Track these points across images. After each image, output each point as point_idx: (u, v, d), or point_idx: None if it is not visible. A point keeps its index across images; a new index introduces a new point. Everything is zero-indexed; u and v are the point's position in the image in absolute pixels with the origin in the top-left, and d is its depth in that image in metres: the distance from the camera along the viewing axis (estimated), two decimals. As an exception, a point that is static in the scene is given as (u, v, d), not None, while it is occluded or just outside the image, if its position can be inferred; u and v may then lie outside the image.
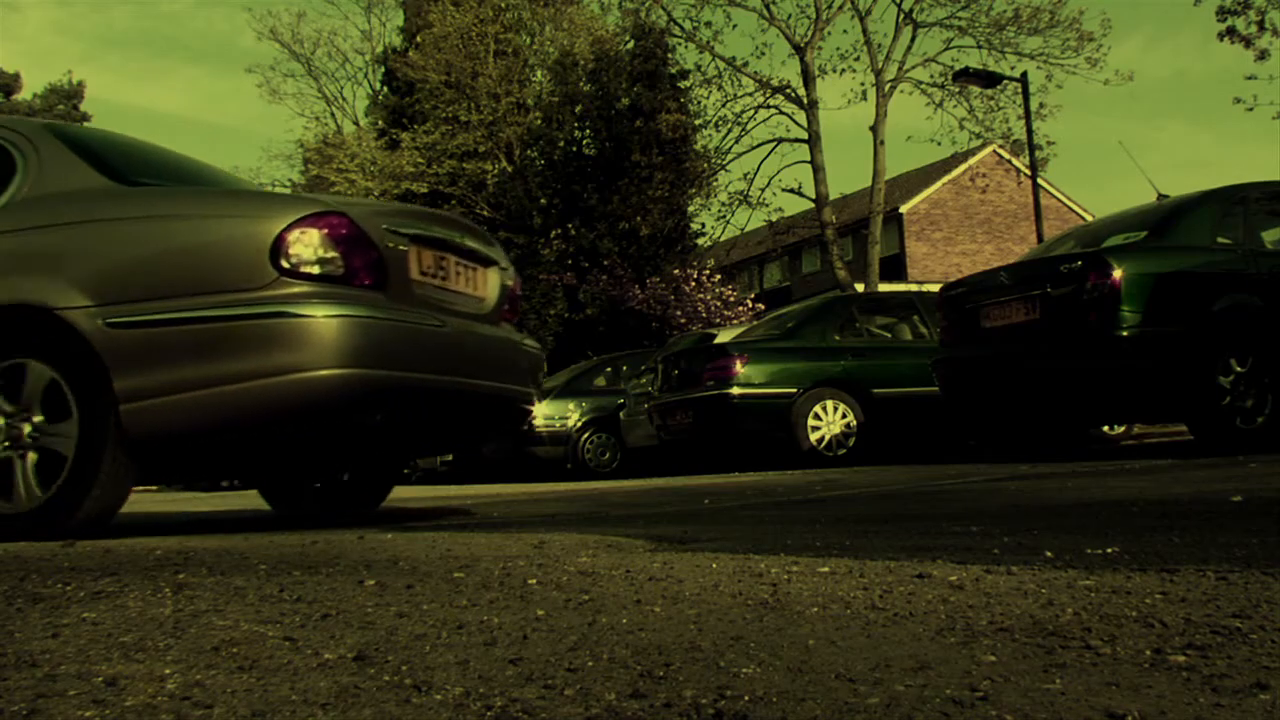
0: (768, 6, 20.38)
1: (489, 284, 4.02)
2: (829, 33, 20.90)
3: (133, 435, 3.16)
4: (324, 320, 3.08)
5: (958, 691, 1.00)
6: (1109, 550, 1.88)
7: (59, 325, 3.22)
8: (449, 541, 2.48)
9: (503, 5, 23.54)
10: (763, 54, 29.47)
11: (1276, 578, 1.49)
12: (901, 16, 20.35)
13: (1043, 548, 1.96)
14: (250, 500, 7.49)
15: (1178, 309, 5.76)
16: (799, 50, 20.41)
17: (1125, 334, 5.65)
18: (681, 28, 21.17)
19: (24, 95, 32.46)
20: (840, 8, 20.57)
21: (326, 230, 3.20)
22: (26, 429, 3.29)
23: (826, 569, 1.78)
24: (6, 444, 3.32)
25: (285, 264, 3.13)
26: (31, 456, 3.29)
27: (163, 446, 3.26)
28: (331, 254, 3.19)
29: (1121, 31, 60.03)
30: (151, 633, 1.40)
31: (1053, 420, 6.90)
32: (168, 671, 1.19)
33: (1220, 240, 6.14)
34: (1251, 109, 19.62)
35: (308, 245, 3.16)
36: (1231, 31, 17.94)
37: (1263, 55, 17.88)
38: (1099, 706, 0.94)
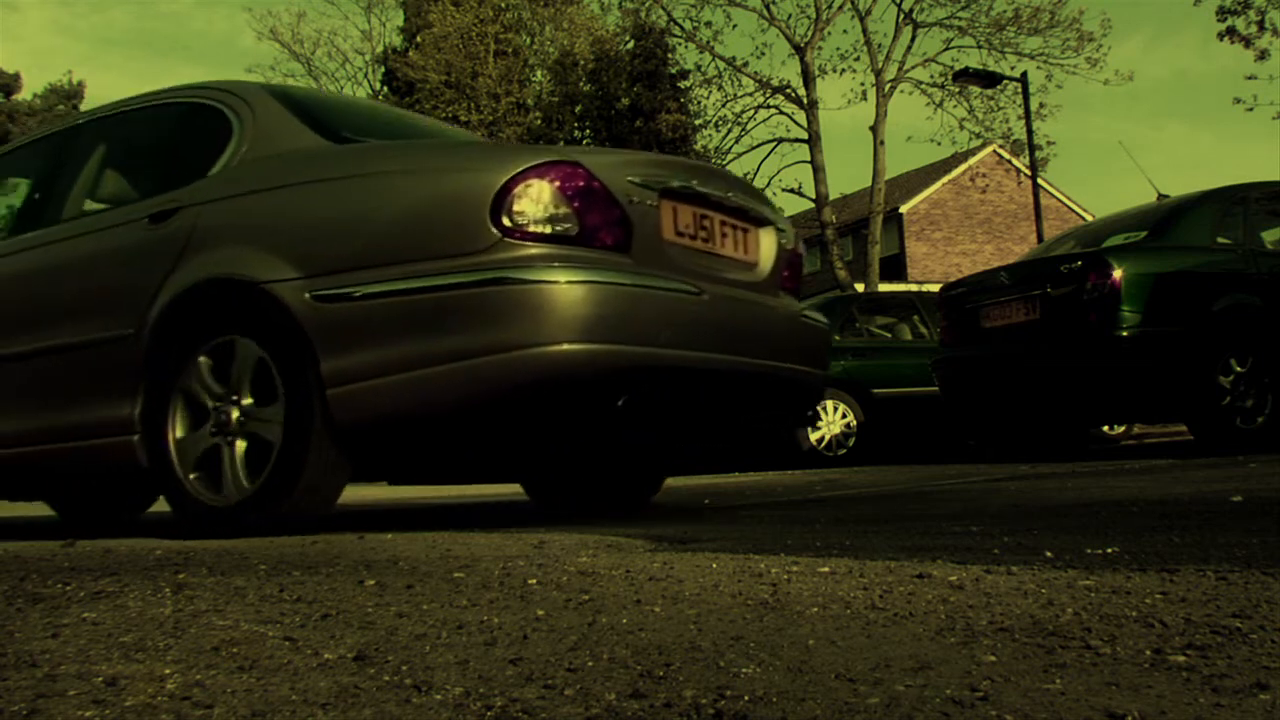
0: (768, 6, 20.41)
1: (762, 247, 3.45)
2: (829, 33, 20.94)
3: (340, 423, 2.85)
4: (557, 287, 2.64)
5: (958, 691, 1.00)
6: (1109, 550, 1.88)
7: (265, 300, 2.97)
8: (449, 541, 2.48)
9: (503, 5, 23.55)
10: (763, 54, 29.48)
11: (1276, 578, 1.49)
12: (901, 16, 20.37)
13: (1043, 548, 1.97)
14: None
15: (1178, 309, 5.76)
16: (799, 50, 20.42)
17: (1125, 334, 5.65)
18: (681, 28, 21.20)
19: (24, 95, 32.46)
20: (840, 8, 20.59)
21: (558, 182, 2.76)
22: (235, 414, 3.06)
23: (826, 569, 1.78)
24: (213, 430, 3.08)
25: (509, 223, 2.72)
26: (240, 444, 3.05)
27: (371, 436, 2.94)
28: (564, 210, 2.76)
29: (1121, 31, 60.06)
30: (151, 633, 1.40)
31: (1053, 420, 6.90)
32: (168, 671, 1.19)
33: (1220, 240, 6.15)
34: (1251, 109, 19.67)
35: (535, 200, 2.74)
36: (1231, 31, 17.95)
37: (1263, 55, 17.89)
38: (1099, 706, 0.94)
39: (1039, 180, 16.44)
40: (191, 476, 3.10)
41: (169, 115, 3.85)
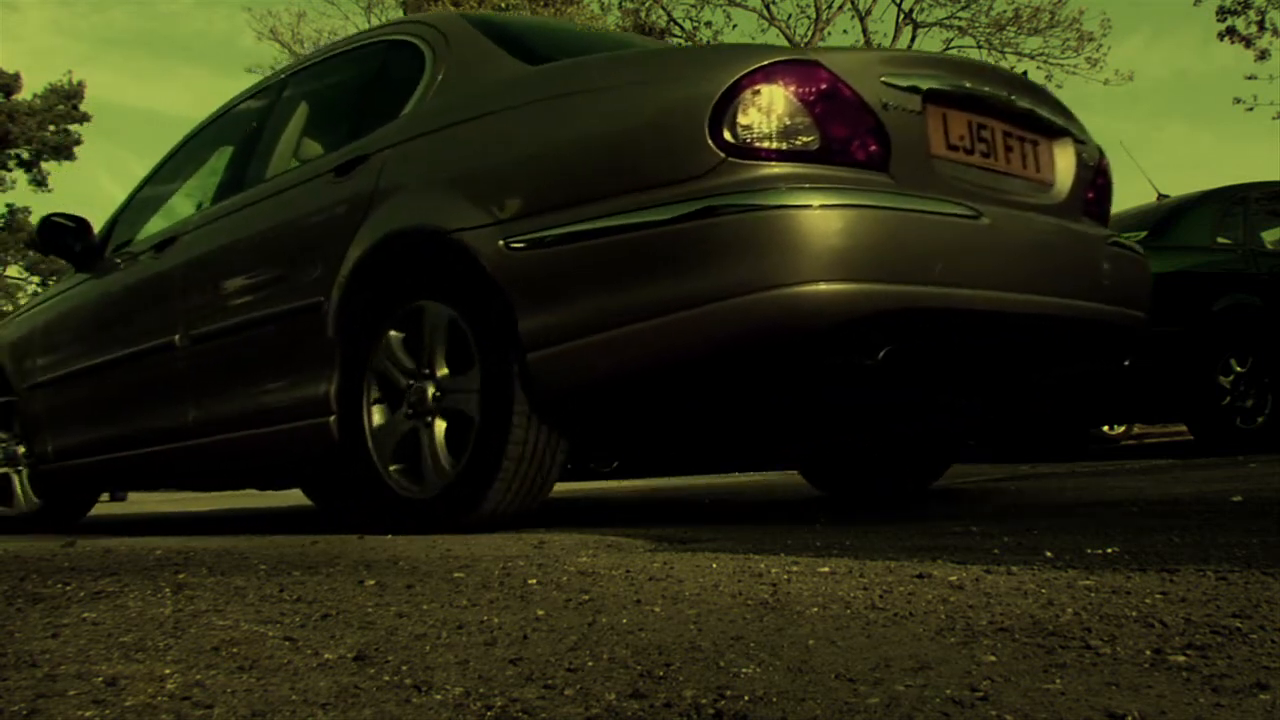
0: (768, 6, 20.44)
1: (1058, 163, 2.84)
2: (829, 33, 20.95)
3: (545, 392, 2.44)
4: (799, 213, 2.14)
5: (958, 691, 1.00)
6: (1109, 550, 1.88)
7: (454, 251, 2.59)
8: (449, 541, 2.48)
9: (503, 5, 23.55)
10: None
11: (1276, 578, 1.49)
12: (901, 17, 20.40)
13: (1043, 548, 1.96)
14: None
15: (1178, 309, 5.76)
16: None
17: (1125, 334, 5.64)
18: (682, 28, 21.21)
19: (24, 95, 32.45)
20: (840, 8, 20.62)
21: (794, 86, 2.26)
22: (431, 390, 2.70)
23: (826, 569, 1.78)
24: (409, 412, 2.73)
25: (732, 138, 2.25)
26: (440, 424, 2.68)
27: (583, 407, 2.53)
28: (803, 120, 2.26)
29: (1121, 31, 60.02)
30: (151, 633, 1.40)
31: (1053, 420, 6.90)
32: (168, 671, 1.19)
33: (1220, 240, 6.15)
34: (1251, 109, 19.63)
35: (766, 109, 2.25)
36: (1231, 31, 17.97)
37: (1263, 55, 17.90)
38: (1099, 706, 0.94)
39: (1039, 180, 16.44)
40: (392, 469, 2.78)
41: (367, 57, 3.51)
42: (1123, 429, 9.80)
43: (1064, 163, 2.85)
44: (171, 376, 3.60)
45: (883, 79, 2.40)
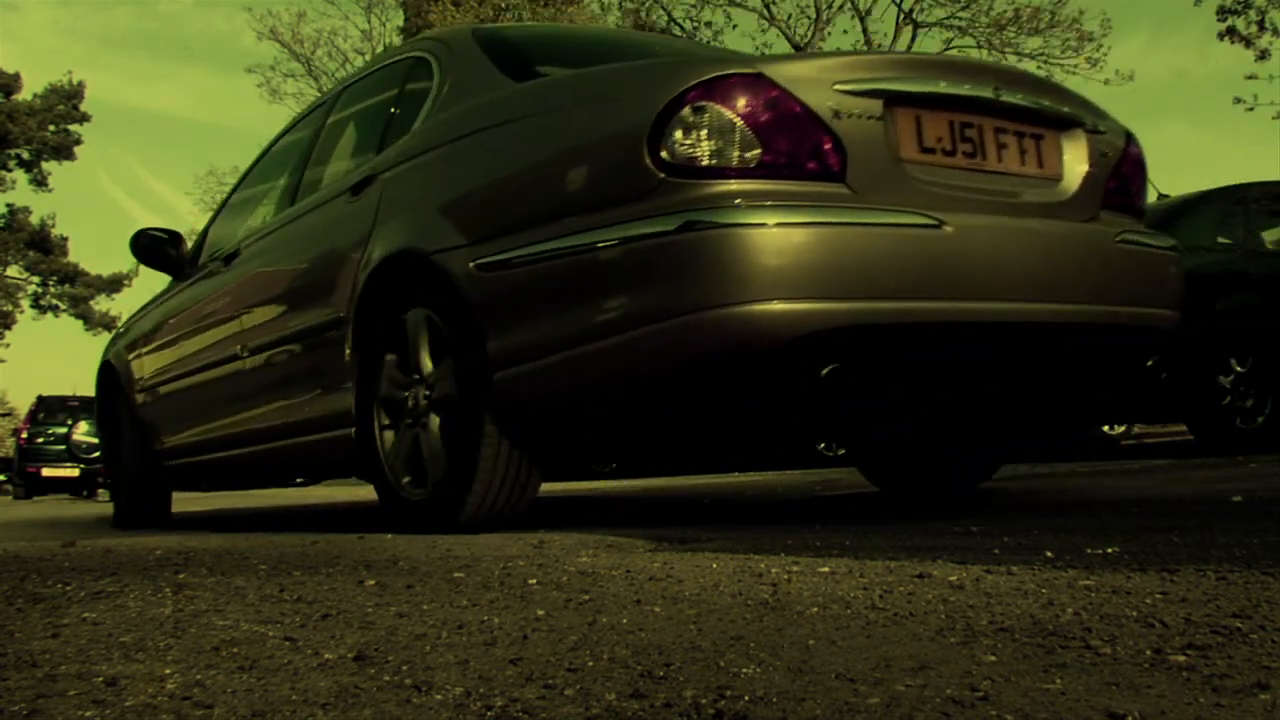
0: (768, 6, 20.44)
1: (1066, 155, 2.72)
2: (829, 33, 20.96)
3: (512, 408, 2.56)
4: (732, 234, 2.14)
5: (958, 691, 1.00)
6: (1109, 550, 1.88)
7: (437, 273, 2.70)
8: (449, 541, 2.48)
9: (503, 5, 23.54)
10: (763, 54, 29.49)
11: (1276, 578, 1.49)
12: (901, 17, 20.40)
13: (1043, 548, 1.96)
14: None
15: (1177, 309, 5.76)
16: (799, 50, 20.43)
17: (1125, 334, 5.64)
18: (682, 27, 21.20)
19: (24, 95, 32.44)
20: (840, 8, 20.63)
21: (733, 100, 2.23)
22: (422, 392, 2.86)
23: (826, 569, 1.78)
24: (409, 421, 2.89)
25: (670, 157, 2.24)
26: (434, 421, 2.83)
27: (548, 420, 2.61)
28: (743, 134, 2.22)
29: (1121, 31, 60.07)
30: (151, 633, 1.40)
31: (1053, 420, 6.89)
32: (168, 671, 1.19)
33: (1220, 240, 6.15)
34: (1251, 109, 19.61)
35: (703, 127, 2.22)
36: (1231, 31, 17.96)
37: (1263, 55, 17.90)
38: (1099, 706, 0.94)
39: (1039, 180, 16.44)
40: (404, 481, 2.94)
41: (397, 72, 3.58)
42: (1123, 429, 9.80)
43: (1073, 155, 2.73)
44: (239, 386, 3.84)
45: (836, 86, 2.34)
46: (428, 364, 2.84)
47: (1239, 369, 5.79)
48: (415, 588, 1.73)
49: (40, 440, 19.01)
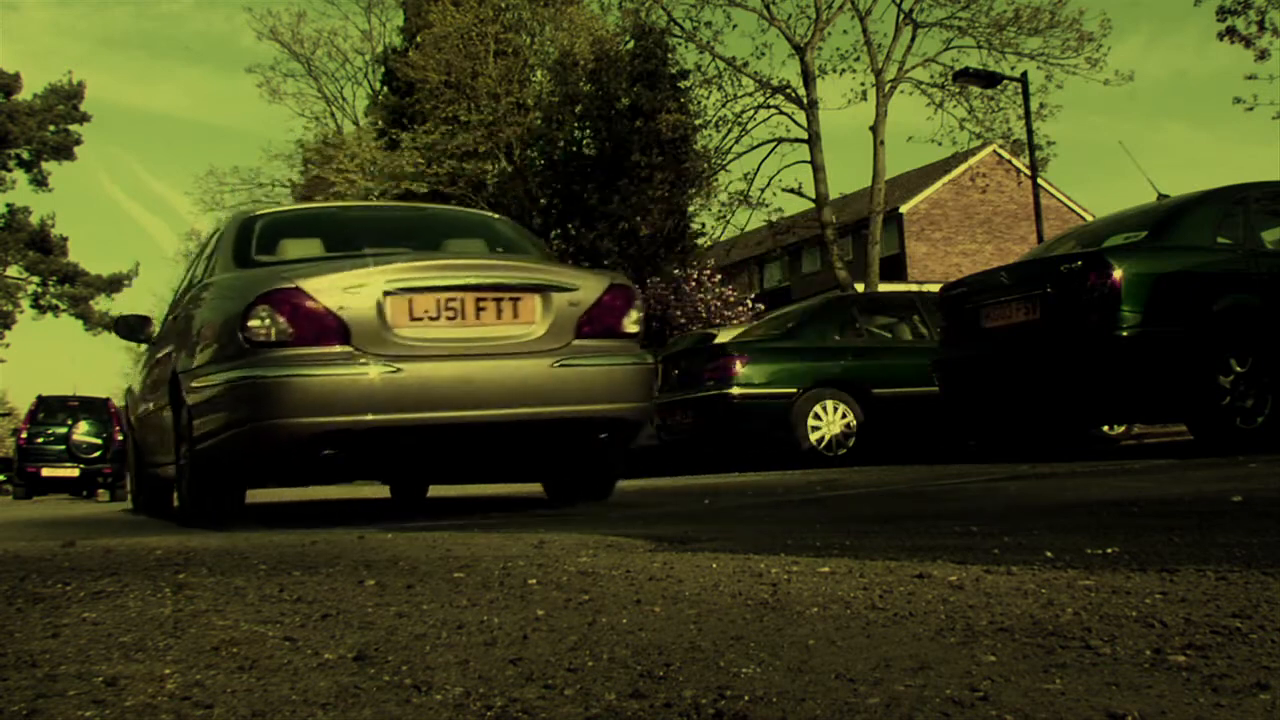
0: (768, 6, 20.39)
1: (537, 311, 4.05)
2: (829, 33, 20.91)
3: (209, 463, 4.19)
4: (276, 380, 3.72)
5: (958, 691, 1.00)
6: (1109, 550, 1.88)
7: (181, 383, 4.41)
8: (449, 541, 2.48)
9: (503, 5, 23.53)
10: (763, 54, 29.33)
11: (1276, 578, 1.49)
12: (901, 16, 20.36)
13: (1043, 548, 1.96)
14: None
15: (1178, 309, 5.76)
16: (799, 50, 20.41)
17: (1125, 334, 5.64)
18: (681, 28, 21.19)
19: (24, 95, 32.43)
20: (840, 8, 20.58)
21: (276, 304, 3.79)
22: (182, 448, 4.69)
23: (826, 569, 1.78)
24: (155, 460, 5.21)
25: (246, 337, 3.81)
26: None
27: (229, 471, 4.29)
28: (281, 322, 3.79)
29: (1121, 31, 60.07)
30: (151, 633, 1.40)
31: (1053, 420, 6.90)
32: (168, 671, 1.19)
33: (1220, 240, 6.14)
34: (1251, 109, 19.59)
35: (262, 320, 3.79)
36: (1231, 31, 17.94)
37: (1263, 55, 17.87)
38: (1099, 706, 0.94)
39: (1039, 180, 16.43)
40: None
41: (212, 242, 5.38)
42: (1123, 429, 9.80)
43: (541, 310, 4.08)
44: (163, 425, 5.23)
45: (345, 289, 3.83)
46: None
47: (1239, 369, 5.79)
48: (415, 588, 1.73)
49: (40, 440, 19.00)
